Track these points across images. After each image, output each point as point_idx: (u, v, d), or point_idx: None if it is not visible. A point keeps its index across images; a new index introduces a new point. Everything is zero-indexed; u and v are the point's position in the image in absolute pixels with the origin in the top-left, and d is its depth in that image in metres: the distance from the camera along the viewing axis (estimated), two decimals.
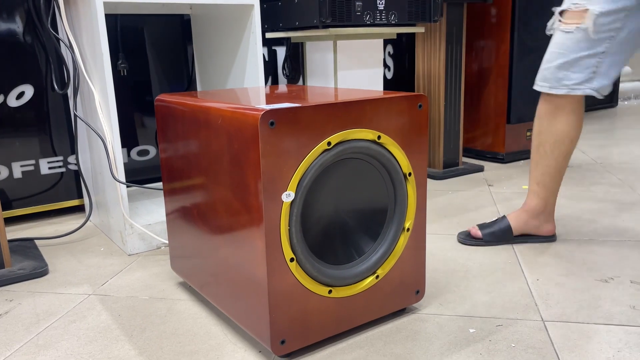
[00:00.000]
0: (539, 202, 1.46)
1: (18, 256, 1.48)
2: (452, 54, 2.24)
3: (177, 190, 1.19)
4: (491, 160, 2.53)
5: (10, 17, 1.70)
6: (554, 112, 1.38)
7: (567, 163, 1.43)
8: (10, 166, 1.77)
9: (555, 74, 1.33)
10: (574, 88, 1.32)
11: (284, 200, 0.90)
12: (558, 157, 1.41)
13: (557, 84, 1.34)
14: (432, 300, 1.19)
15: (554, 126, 1.38)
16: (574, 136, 1.39)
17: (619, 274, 1.29)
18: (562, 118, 1.37)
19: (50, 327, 1.13)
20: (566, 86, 1.33)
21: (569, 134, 1.38)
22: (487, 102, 2.48)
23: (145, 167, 2.04)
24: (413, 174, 1.05)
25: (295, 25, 1.83)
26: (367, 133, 0.97)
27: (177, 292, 1.28)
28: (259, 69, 1.66)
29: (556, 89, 1.34)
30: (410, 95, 1.02)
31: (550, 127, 1.39)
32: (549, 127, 1.39)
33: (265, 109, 0.86)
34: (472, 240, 1.50)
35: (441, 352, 1.00)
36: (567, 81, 1.32)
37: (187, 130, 1.08)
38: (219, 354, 1.01)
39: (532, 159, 1.46)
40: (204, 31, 1.91)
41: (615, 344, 1.00)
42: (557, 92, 1.34)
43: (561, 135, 1.39)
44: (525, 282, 1.27)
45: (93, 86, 1.52)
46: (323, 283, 0.98)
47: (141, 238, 1.53)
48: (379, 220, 1.06)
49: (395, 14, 1.84)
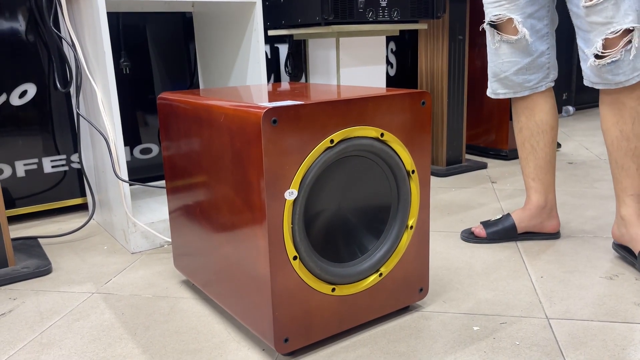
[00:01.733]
0: (539, 198, 1.47)
1: (22, 255, 1.48)
2: (455, 50, 2.23)
3: (179, 188, 1.18)
4: (494, 157, 2.52)
5: (12, 16, 1.70)
6: (529, 107, 1.43)
7: (555, 152, 1.46)
8: (14, 165, 1.77)
9: (514, 80, 1.40)
10: (536, 87, 1.41)
11: (286, 198, 0.90)
12: (544, 147, 1.44)
13: (520, 89, 1.41)
14: (436, 298, 1.19)
15: (532, 119, 1.43)
16: (554, 123, 1.44)
17: (623, 271, 1.29)
18: (538, 109, 1.42)
19: (54, 326, 1.13)
20: (528, 88, 1.41)
21: (549, 121, 1.43)
22: (490, 99, 2.47)
23: (148, 166, 2.04)
24: (416, 171, 1.05)
25: (298, 22, 1.82)
26: (370, 130, 0.97)
27: (180, 290, 1.28)
28: (261, 66, 1.65)
29: (521, 92, 1.42)
30: (413, 92, 1.02)
31: (529, 121, 1.44)
32: (528, 121, 1.44)
33: (268, 107, 0.85)
34: (475, 239, 1.50)
35: (445, 350, 0.99)
36: (527, 83, 1.40)
37: (189, 128, 1.08)
38: (222, 352, 1.01)
39: (521, 157, 1.49)
40: (206, 29, 1.90)
41: (620, 342, 1.00)
42: (523, 94, 1.41)
43: (542, 126, 1.43)
44: (529, 280, 1.26)
45: (95, 84, 1.52)
46: (326, 281, 0.98)
47: (144, 236, 1.53)
48: (382, 218, 1.06)
49: (397, 11, 1.84)
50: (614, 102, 1.25)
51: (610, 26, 1.17)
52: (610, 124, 1.27)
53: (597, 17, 1.18)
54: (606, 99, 1.27)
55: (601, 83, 1.24)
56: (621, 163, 1.28)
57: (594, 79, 1.25)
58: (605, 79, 1.22)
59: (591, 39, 1.21)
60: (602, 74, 1.22)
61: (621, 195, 1.30)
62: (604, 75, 1.22)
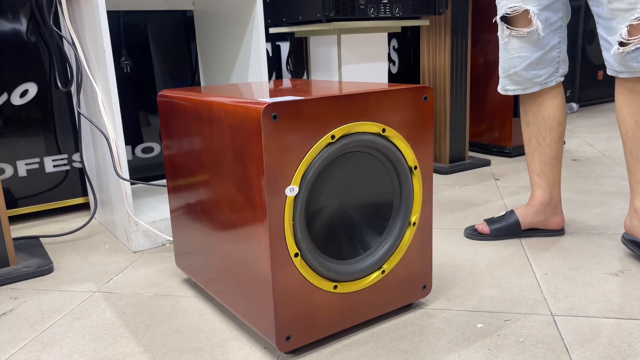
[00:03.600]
0: (543, 194, 1.45)
1: (23, 254, 1.47)
2: (458, 47, 2.22)
3: (180, 186, 1.18)
4: (498, 154, 2.51)
5: (13, 16, 1.69)
6: (537, 102, 1.41)
7: (562, 148, 1.44)
8: (15, 164, 1.77)
9: (524, 75, 1.38)
10: (546, 82, 1.38)
11: (287, 195, 0.89)
12: (551, 143, 1.42)
13: (530, 84, 1.39)
14: (439, 295, 1.18)
15: (540, 115, 1.41)
16: (562, 119, 1.42)
17: (629, 267, 1.27)
18: (546, 105, 1.40)
19: (55, 325, 1.12)
20: (538, 83, 1.39)
21: (556, 117, 1.41)
22: (494, 96, 2.46)
23: (150, 165, 2.03)
24: (419, 167, 1.04)
25: (299, 19, 1.81)
26: (371, 126, 0.96)
27: (181, 288, 1.27)
28: (262, 64, 1.64)
29: (530, 88, 1.39)
30: (415, 87, 1.01)
31: (536, 117, 1.42)
32: (536, 117, 1.42)
33: (268, 102, 0.84)
34: (479, 236, 1.49)
35: (449, 347, 0.98)
36: (537, 79, 1.38)
37: (189, 125, 1.07)
38: (223, 351, 1.00)
39: (527, 152, 1.47)
40: (207, 27, 1.90)
41: (626, 338, 0.98)
42: (532, 90, 1.39)
43: (550, 121, 1.41)
44: (533, 277, 1.25)
45: (95, 83, 1.52)
46: (328, 278, 0.97)
47: (146, 235, 1.52)
48: (384, 215, 1.05)
49: (399, 7, 1.83)
50: (631, 91, 1.23)
51: (634, 12, 1.15)
52: (626, 114, 1.25)
53: (620, 4, 1.16)
54: (623, 89, 1.25)
55: (625, 72, 1.22)
56: (636, 154, 1.26)
57: (617, 68, 1.22)
58: (629, 67, 1.20)
59: (614, 27, 1.19)
60: (626, 62, 1.20)
61: (635, 186, 1.29)
62: (629, 63, 1.20)
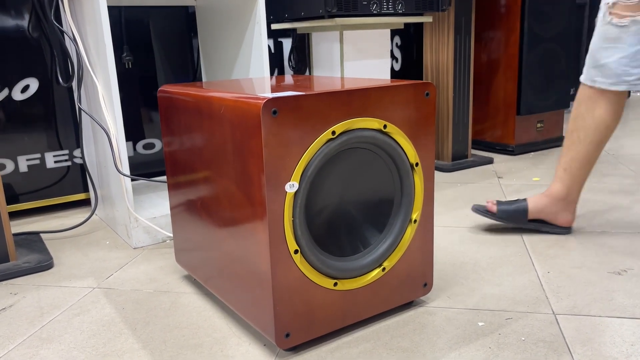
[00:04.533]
0: (561, 189, 1.43)
1: (23, 250, 1.47)
2: (461, 44, 2.20)
3: (181, 182, 1.17)
4: (501, 152, 2.49)
5: (14, 11, 1.69)
6: (595, 98, 1.33)
7: (599, 153, 1.37)
8: (16, 160, 1.76)
9: (614, 69, 1.27)
10: (635, 84, 1.27)
11: (287, 191, 0.88)
12: (590, 144, 1.36)
13: (618, 80, 1.28)
14: (440, 293, 1.17)
15: (592, 112, 1.34)
16: (612, 125, 1.34)
17: (632, 266, 1.26)
18: (602, 104, 1.32)
19: (54, 321, 1.12)
20: (626, 82, 1.27)
21: (606, 121, 1.33)
22: (497, 93, 2.45)
23: (152, 161, 2.03)
24: (420, 164, 1.03)
25: (301, 15, 1.80)
26: (372, 122, 0.95)
27: (181, 285, 1.26)
28: (264, 60, 1.64)
29: (617, 85, 1.28)
30: (416, 83, 1.00)
31: (588, 112, 1.34)
32: (587, 112, 1.34)
33: (268, 97, 0.84)
34: (485, 212, 1.49)
35: (449, 345, 0.97)
36: (627, 77, 1.26)
37: (189, 121, 1.07)
38: (222, 347, 0.99)
39: (564, 143, 1.41)
40: (209, 23, 1.89)
41: (628, 338, 0.97)
42: (618, 88, 1.28)
43: (599, 123, 1.34)
44: (535, 275, 1.24)
45: (96, 78, 1.51)
46: (328, 275, 0.96)
47: (146, 231, 1.52)
48: (385, 212, 1.04)
49: (402, 3, 1.81)
50: None
51: None
52: None
53: None
54: None
55: None
56: None
57: None
58: None
59: None
60: None
61: None
62: None
